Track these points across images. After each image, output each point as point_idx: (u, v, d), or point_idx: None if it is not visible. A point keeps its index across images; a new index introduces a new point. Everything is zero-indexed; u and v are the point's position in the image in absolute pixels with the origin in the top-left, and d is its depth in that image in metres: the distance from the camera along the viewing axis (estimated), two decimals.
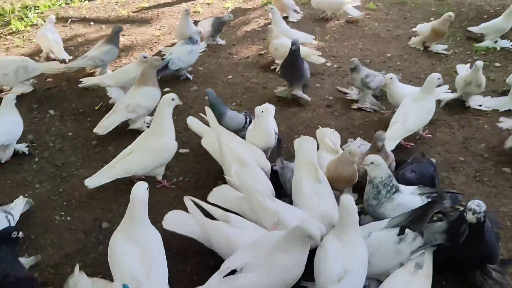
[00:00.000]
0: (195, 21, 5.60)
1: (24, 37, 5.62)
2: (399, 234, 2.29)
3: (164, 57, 4.54)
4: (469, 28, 5.56)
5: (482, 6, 6.49)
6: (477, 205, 2.22)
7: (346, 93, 4.43)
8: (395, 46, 5.38)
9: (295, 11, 6.21)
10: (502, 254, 2.59)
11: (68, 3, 6.79)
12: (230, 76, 4.70)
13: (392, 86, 3.86)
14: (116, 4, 6.89)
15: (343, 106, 4.21)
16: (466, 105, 4.11)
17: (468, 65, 4.42)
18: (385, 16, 6.31)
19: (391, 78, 3.87)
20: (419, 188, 2.71)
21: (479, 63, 3.96)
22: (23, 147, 3.50)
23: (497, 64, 5.00)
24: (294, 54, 4.09)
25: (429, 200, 2.57)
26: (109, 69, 4.63)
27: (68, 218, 2.93)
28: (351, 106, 4.19)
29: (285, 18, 5.92)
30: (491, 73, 4.69)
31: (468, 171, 3.35)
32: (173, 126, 3.10)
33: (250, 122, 3.46)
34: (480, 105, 4.14)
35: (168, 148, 3.05)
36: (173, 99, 3.05)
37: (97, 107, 4.13)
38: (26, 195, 3.06)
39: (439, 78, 3.52)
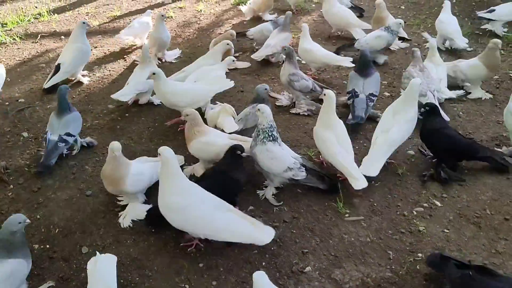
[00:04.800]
0: None
1: None
2: None
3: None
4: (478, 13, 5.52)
5: None
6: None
7: (277, 99, 4.35)
8: None
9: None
10: None
11: (37, 18, 6.58)
12: None
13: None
14: (87, 15, 6.72)
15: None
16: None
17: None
18: None
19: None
20: None
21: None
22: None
23: None
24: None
25: None
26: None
27: (47, 246, 2.84)
28: (290, 111, 4.17)
29: None
30: None
31: None
32: None
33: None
34: None
35: None
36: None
37: None
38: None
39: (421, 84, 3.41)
